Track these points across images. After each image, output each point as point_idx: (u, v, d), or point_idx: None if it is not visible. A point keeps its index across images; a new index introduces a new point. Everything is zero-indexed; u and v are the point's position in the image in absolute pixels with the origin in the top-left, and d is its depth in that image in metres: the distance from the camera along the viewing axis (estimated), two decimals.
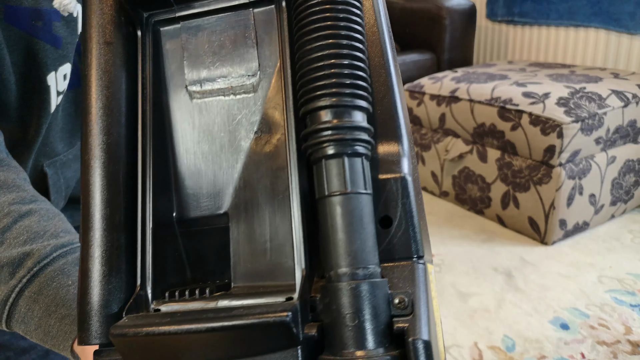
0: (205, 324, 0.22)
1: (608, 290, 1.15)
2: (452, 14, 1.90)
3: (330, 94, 0.23)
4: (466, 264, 1.28)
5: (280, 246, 0.27)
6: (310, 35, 0.23)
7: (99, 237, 0.26)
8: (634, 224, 1.45)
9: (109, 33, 0.27)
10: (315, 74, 0.23)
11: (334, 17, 0.23)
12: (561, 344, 0.97)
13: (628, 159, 1.42)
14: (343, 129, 0.22)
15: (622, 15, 1.68)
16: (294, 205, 0.25)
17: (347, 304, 0.21)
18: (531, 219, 1.37)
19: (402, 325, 0.22)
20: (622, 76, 1.49)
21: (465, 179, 1.55)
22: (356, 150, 0.23)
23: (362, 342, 0.21)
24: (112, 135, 0.26)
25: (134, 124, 0.28)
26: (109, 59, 0.27)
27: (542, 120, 1.28)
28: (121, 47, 0.27)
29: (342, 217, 0.22)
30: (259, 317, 0.22)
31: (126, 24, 0.28)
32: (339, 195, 0.22)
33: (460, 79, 1.58)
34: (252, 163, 0.28)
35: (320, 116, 0.23)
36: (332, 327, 0.22)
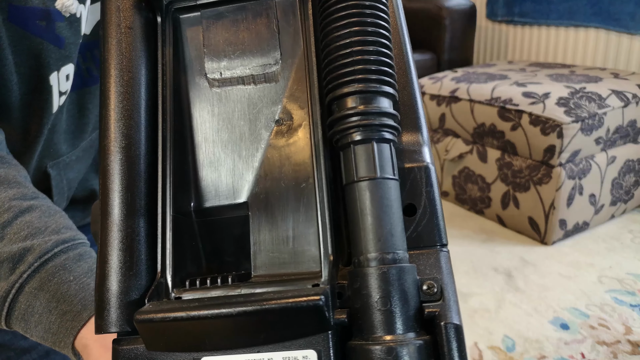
0: (237, 308, 0.22)
1: (608, 290, 1.15)
2: (452, 14, 1.90)
3: (358, 80, 0.23)
4: (466, 264, 1.28)
5: (303, 234, 0.26)
6: (338, 23, 0.23)
7: (118, 222, 0.25)
8: (634, 224, 1.45)
9: (129, 18, 0.27)
10: (342, 60, 0.23)
11: (361, 5, 0.23)
12: (561, 344, 0.97)
13: (628, 159, 1.42)
14: (371, 114, 0.22)
15: (622, 15, 1.68)
16: (320, 193, 0.25)
17: (377, 288, 0.21)
18: (531, 219, 1.37)
19: (433, 310, 0.22)
20: (622, 76, 1.49)
21: (465, 179, 1.55)
22: (384, 136, 0.23)
23: (393, 327, 0.21)
24: (131, 120, 0.26)
25: (153, 110, 0.27)
26: (129, 44, 0.26)
27: (542, 120, 1.28)
28: (141, 33, 0.27)
29: (371, 202, 0.22)
30: (292, 300, 0.21)
31: (146, 9, 0.28)
32: (368, 181, 0.22)
33: (460, 79, 1.58)
34: (274, 152, 0.28)
35: (348, 102, 0.23)
36: (362, 312, 0.21)
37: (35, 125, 0.52)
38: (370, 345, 0.20)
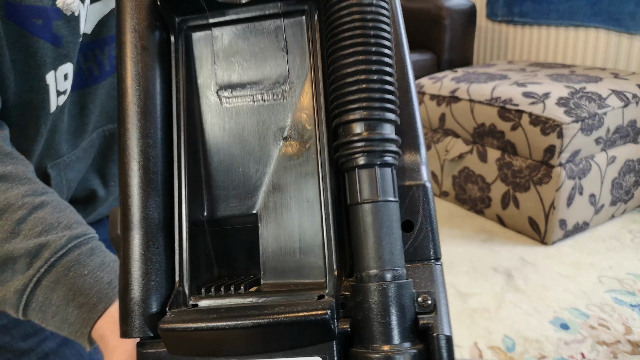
0: (252, 320, 0.24)
1: (608, 290, 1.15)
2: (452, 14, 1.90)
3: (363, 108, 0.24)
4: (466, 264, 1.28)
5: (309, 247, 0.29)
6: (343, 51, 0.25)
7: (139, 236, 0.27)
8: (634, 224, 1.45)
9: (145, 38, 0.28)
10: (348, 88, 0.24)
11: (366, 34, 0.25)
12: (561, 344, 0.97)
13: (628, 159, 1.42)
14: (375, 141, 0.24)
15: (622, 15, 1.68)
16: (325, 210, 0.27)
17: (377, 303, 0.23)
18: (531, 219, 1.37)
19: (426, 322, 0.24)
20: (622, 76, 1.49)
21: (465, 179, 1.55)
22: (386, 161, 0.25)
23: (391, 337, 0.23)
24: (149, 138, 0.27)
25: (169, 127, 0.29)
26: (145, 64, 0.28)
27: (542, 120, 1.28)
28: (156, 52, 0.28)
29: (373, 224, 0.24)
30: (302, 314, 0.24)
31: (160, 28, 0.29)
32: (371, 203, 0.24)
33: (460, 79, 1.58)
34: (282, 167, 0.30)
35: (353, 128, 0.25)
36: (363, 323, 0.23)
37: (32, 125, 0.52)
38: (370, 353, 0.23)
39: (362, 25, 0.25)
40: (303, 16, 0.29)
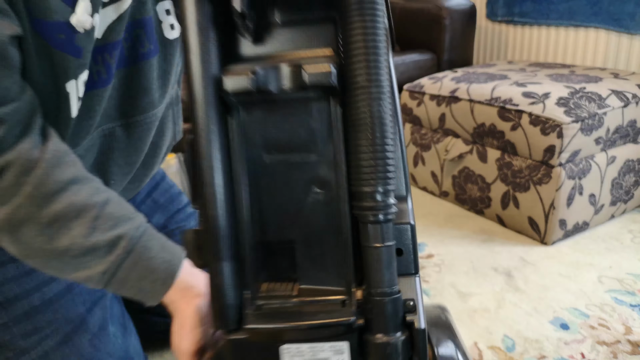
0: (305, 322, 0.40)
1: (608, 290, 1.15)
2: (452, 14, 1.90)
3: (372, 184, 0.37)
4: (466, 264, 1.28)
5: (332, 264, 0.43)
6: (357, 141, 0.37)
7: (224, 256, 0.41)
8: (634, 224, 1.45)
9: (213, 117, 0.40)
10: (361, 169, 0.37)
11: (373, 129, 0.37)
12: (561, 344, 0.97)
13: (628, 159, 1.42)
14: (380, 207, 0.38)
15: (622, 15, 1.68)
16: (347, 247, 0.42)
17: (381, 309, 0.39)
18: (531, 219, 1.37)
19: (410, 319, 0.40)
20: (622, 76, 1.49)
21: (465, 179, 1.55)
22: (388, 219, 0.38)
23: (389, 329, 0.39)
24: (222, 187, 0.40)
25: (231, 178, 0.42)
26: (213, 136, 0.40)
27: (542, 120, 1.28)
28: (219, 125, 0.41)
29: (379, 260, 0.38)
30: (336, 320, 0.40)
31: (223, 104, 0.41)
32: (378, 248, 0.38)
33: (460, 79, 1.58)
34: (313, 210, 0.43)
35: (365, 196, 0.38)
36: (372, 321, 0.39)
37: (57, 131, 0.55)
38: (376, 339, 0.39)
39: (371, 121, 0.37)
40: (328, 102, 0.41)
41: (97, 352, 0.68)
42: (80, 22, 0.49)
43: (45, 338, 0.65)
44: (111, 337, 0.71)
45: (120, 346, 0.71)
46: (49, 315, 0.66)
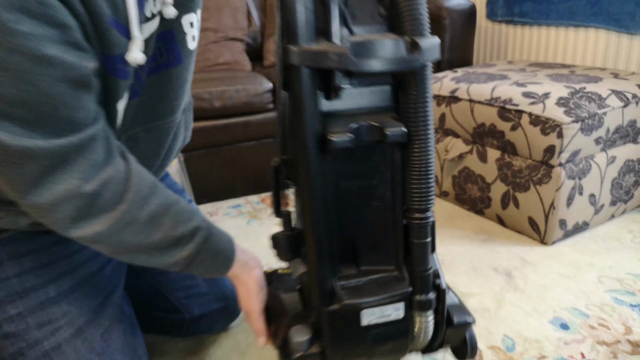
0: (382, 295, 0.64)
1: (608, 290, 1.15)
2: (452, 14, 1.90)
3: (422, 205, 0.62)
4: (466, 263, 1.28)
5: (387, 252, 0.68)
6: (413, 175, 0.61)
7: (324, 255, 0.64)
8: (633, 224, 1.45)
9: (315, 159, 0.61)
10: (415, 194, 0.62)
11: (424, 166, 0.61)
12: (561, 344, 0.97)
13: (628, 159, 1.42)
14: (426, 219, 0.63)
15: (622, 15, 1.68)
16: (397, 236, 0.66)
17: (424, 282, 0.65)
18: (531, 219, 1.37)
19: (437, 283, 0.66)
20: (622, 76, 1.49)
21: (465, 179, 1.55)
22: (428, 224, 0.64)
23: (427, 291, 0.65)
24: (321, 208, 0.63)
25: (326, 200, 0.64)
26: (316, 171, 0.62)
27: (542, 120, 1.28)
28: (319, 162, 0.62)
29: (423, 251, 0.64)
30: (402, 291, 0.65)
31: (321, 149, 0.62)
32: (422, 243, 0.64)
33: (460, 79, 1.58)
34: (372, 217, 0.66)
35: (417, 211, 0.62)
36: (417, 287, 0.65)
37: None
38: (420, 298, 0.65)
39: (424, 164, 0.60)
40: (392, 146, 0.63)
41: (107, 347, 0.68)
42: (134, 59, 0.58)
43: (59, 329, 0.66)
44: (121, 333, 0.72)
45: (129, 344, 0.72)
46: (64, 306, 0.67)
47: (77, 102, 0.51)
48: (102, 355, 0.67)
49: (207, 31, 1.87)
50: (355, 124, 0.62)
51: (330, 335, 0.67)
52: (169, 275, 0.90)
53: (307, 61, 0.59)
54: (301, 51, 0.58)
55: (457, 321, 0.73)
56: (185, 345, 1.01)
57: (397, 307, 0.66)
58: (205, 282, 0.92)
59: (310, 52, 0.59)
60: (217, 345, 1.01)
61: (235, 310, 0.99)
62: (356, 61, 0.59)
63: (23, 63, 0.45)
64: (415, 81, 0.61)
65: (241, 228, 1.53)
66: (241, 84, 1.63)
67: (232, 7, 1.95)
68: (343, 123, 0.62)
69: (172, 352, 0.99)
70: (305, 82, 0.60)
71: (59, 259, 0.69)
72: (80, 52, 0.50)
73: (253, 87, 1.64)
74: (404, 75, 0.61)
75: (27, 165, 0.50)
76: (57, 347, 0.65)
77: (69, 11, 0.47)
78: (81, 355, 0.66)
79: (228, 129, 1.65)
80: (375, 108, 0.65)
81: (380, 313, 0.66)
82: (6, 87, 0.46)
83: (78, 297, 0.69)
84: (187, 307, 0.91)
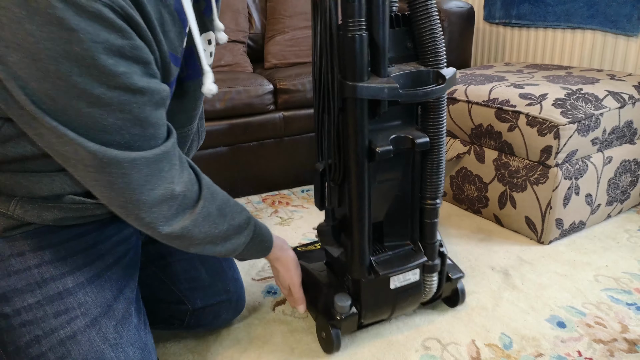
0: (407, 264, 0.92)
1: (604, 289, 1.16)
2: (450, 17, 1.92)
3: (435, 195, 0.92)
4: (464, 262, 1.29)
5: (404, 230, 0.95)
6: (431, 172, 0.91)
7: (365, 239, 0.88)
8: (630, 224, 1.46)
9: (363, 163, 0.84)
10: (430, 187, 0.92)
11: (437, 167, 0.90)
12: (558, 342, 0.98)
13: (624, 159, 1.43)
14: (437, 204, 0.93)
15: (618, 17, 1.70)
16: (414, 215, 0.94)
17: (433, 250, 0.96)
18: (528, 219, 1.38)
19: (442, 250, 0.98)
20: (619, 77, 1.50)
21: (463, 179, 1.56)
22: (438, 208, 0.93)
23: (435, 258, 0.97)
24: (366, 202, 0.86)
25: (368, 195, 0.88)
26: (362, 173, 0.84)
27: (539, 121, 1.29)
28: (366, 166, 0.84)
29: (433, 227, 0.95)
30: (421, 260, 0.93)
31: (368, 157, 0.84)
32: (434, 222, 0.94)
33: (458, 81, 1.59)
34: (397, 206, 0.93)
35: (430, 198, 0.92)
36: (428, 255, 0.95)
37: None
38: (430, 263, 0.95)
39: (437, 165, 0.89)
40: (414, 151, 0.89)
41: (120, 339, 0.70)
42: (209, 91, 0.70)
43: (75, 319, 0.69)
44: (133, 327, 0.74)
45: (141, 338, 0.74)
46: (80, 297, 0.70)
47: (160, 120, 0.61)
48: (115, 347, 0.69)
49: None
50: (392, 136, 0.82)
51: (366, 298, 0.92)
52: (173, 267, 0.92)
53: (366, 94, 0.75)
54: (361, 87, 0.74)
55: (453, 276, 1.02)
56: (186, 343, 1.02)
57: (414, 272, 0.94)
58: (209, 274, 0.94)
59: (370, 87, 0.75)
60: (218, 342, 1.02)
61: (238, 304, 1.00)
62: (403, 94, 0.77)
63: (122, 96, 0.54)
64: (435, 102, 0.83)
65: None
66: (242, 85, 1.64)
67: (233, 9, 1.96)
68: (383, 136, 0.82)
69: (174, 349, 1.00)
70: (360, 110, 0.77)
71: (77, 252, 0.72)
72: (157, 79, 0.60)
73: (254, 89, 1.65)
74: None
75: (133, 174, 0.59)
76: (72, 336, 0.67)
77: (149, 49, 0.57)
78: (95, 345, 0.68)
79: (229, 129, 1.66)
80: (404, 121, 0.86)
81: (404, 278, 0.93)
82: (109, 119, 0.54)
83: (94, 289, 0.71)
84: (190, 298, 0.93)
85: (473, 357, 0.95)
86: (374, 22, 0.74)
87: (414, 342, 0.99)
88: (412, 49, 0.82)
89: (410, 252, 0.94)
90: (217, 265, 0.96)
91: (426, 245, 0.94)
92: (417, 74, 0.79)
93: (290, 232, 1.51)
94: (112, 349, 0.69)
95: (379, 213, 0.91)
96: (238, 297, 0.99)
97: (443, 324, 1.05)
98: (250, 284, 1.23)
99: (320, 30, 0.75)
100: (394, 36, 0.80)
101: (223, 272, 0.97)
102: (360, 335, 1.02)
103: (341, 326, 0.93)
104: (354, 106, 0.77)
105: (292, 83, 1.71)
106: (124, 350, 0.70)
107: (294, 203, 1.73)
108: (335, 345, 0.95)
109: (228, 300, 0.97)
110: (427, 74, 0.79)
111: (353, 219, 0.86)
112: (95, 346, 0.68)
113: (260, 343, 1.01)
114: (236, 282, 0.99)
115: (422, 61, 0.81)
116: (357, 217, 0.86)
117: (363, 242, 0.88)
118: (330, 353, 0.97)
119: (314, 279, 1.00)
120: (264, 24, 2.13)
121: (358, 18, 0.72)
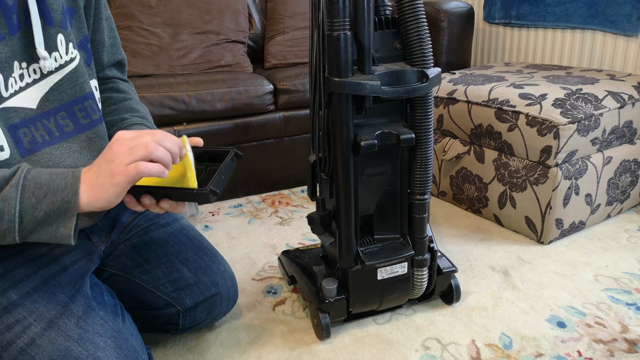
0: (395, 257, 0.96)
1: (604, 289, 1.16)
2: (450, 17, 1.92)
3: (423, 190, 0.95)
4: (463, 262, 1.29)
5: (394, 224, 0.99)
6: (417, 168, 0.95)
7: (352, 229, 0.93)
8: (629, 224, 1.47)
9: (349, 157, 0.90)
10: (417, 181, 0.94)
11: (425, 163, 0.94)
12: (558, 342, 0.99)
13: (624, 159, 1.43)
14: (425, 200, 0.95)
15: (618, 17, 1.70)
16: (402, 211, 0.98)
17: (423, 245, 0.98)
18: (528, 219, 1.39)
19: (431, 246, 1.00)
20: (618, 77, 1.50)
21: (463, 179, 1.56)
22: (427, 203, 0.95)
23: (425, 253, 0.99)
24: (352, 195, 0.91)
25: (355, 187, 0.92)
26: (349, 166, 0.90)
27: (538, 121, 1.29)
28: (352, 159, 0.90)
29: (422, 223, 0.97)
30: (408, 253, 0.97)
31: (353, 150, 0.90)
32: (422, 217, 0.96)
33: (458, 81, 1.59)
34: (384, 197, 0.96)
35: (418, 193, 0.95)
36: (417, 249, 0.98)
37: None
38: (419, 258, 0.98)
39: (425, 161, 0.93)
40: (400, 147, 0.93)
41: (84, 332, 0.70)
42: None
43: (29, 326, 0.69)
44: (100, 319, 0.74)
45: (110, 327, 0.74)
46: (29, 305, 0.70)
47: None
48: (80, 341, 0.69)
49: (208, 34, 1.89)
50: (378, 132, 0.86)
51: (353, 287, 0.96)
52: (153, 273, 0.91)
53: (349, 90, 0.80)
54: (344, 82, 0.79)
55: (444, 269, 1.04)
56: (186, 343, 1.02)
57: (402, 266, 0.96)
58: (192, 272, 0.93)
59: (352, 83, 0.79)
60: (218, 342, 1.02)
61: (230, 295, 0.99)
62: (385, 90, 0.82)
63: None
64: (421, 100, 0.87)
65: (242, 227, 1.55)
66: (242, 85, 1.64)
67: (233, 10, 1.96)
68: (369, 131, 0.86)
69: (174, 349, 1.00)
70: (345, 104, 0.82)
71: (16, 267, 0.73)
72: None
73: (254, 89, 1.65)
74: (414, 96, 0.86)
75: None
76: (31, 342, 0.67)
77: None
78: (58, 344, 0.68)
79: (229, 130, 1.66)
80: (390, 118, 0.90)
81: (391, 270, 0.95)
82: None
83: (42, 295, 0.72)
84: (178, 299, 0.92)
85: (473, 357, 0.95)
86: (359, 22, 0.79)
87: (414, 342, 0.99)
88: (400, 50, 0.87)
89: (398, 246, 0.97)
90: (198, 261, 0.94)
91: (415, 240, 0.97)
92: (401, 72, 0.83)
93: (290, 232, 1.51)
94: (78, 344, 0.69)
95: (368, 206, 0.96)
96: (228, 288, 0.97)
97: (443, 324, 1.05)
98: (250, 284, 1.23)
99: (314, 30, 0.81)
100: (384, 37, 0.85)
101: (207, 267, 0.95)
102: (360, 335, 1.02)
103: (330, 311, 0.97)
104: (339, 101, 0.82)
105: (292, 83, 1.71)
106: (93, 342, 0.70)
107: (294, 203, 1.73)
108: (324, 331, 0.98)
109: (218, 293, 0.96)
110: (411, 73, 0.83)
111: (340, 210, 0.91)
112: (59, 345, 0.68)
113: (260, 343, 1.02)
114: (224, 274, 0.97)
115: (410, 61, 0.85)
116: (344, 208, 0.90)
117: (349, 232, 0.92)
118: (321, 339, 1.01)
119: (309, 269, 1.06)
120: (264, 24, 2.13)
121: (342, 18, 0.77)
